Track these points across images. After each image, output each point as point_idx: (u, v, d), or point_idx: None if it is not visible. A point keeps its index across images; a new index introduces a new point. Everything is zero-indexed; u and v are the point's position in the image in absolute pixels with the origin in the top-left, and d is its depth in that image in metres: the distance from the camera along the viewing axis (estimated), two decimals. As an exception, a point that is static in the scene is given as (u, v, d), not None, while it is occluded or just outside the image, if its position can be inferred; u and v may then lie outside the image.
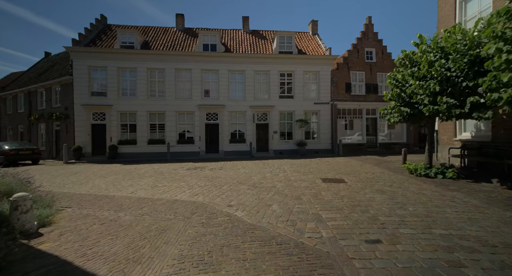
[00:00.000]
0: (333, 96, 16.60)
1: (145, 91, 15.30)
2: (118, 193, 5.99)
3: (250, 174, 8.26)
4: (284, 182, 6.63)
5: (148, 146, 15.20)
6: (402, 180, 6.64)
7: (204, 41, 16.07)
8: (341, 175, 7.52)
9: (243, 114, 16.05)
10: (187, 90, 15.77)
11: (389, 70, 17.38)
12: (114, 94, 15.06)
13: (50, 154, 16.39)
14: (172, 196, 5.48)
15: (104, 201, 5.25)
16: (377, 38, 17.34)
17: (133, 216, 4.24)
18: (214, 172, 8.95)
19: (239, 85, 16.18)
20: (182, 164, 11.60)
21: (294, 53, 16.44)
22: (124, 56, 15.05)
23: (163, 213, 4.31)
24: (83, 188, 6.68)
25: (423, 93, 6.38)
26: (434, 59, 6.09)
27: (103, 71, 15.10)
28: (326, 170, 8.65)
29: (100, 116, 15.07)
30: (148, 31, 17.79)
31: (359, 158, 12.95)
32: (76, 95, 14.70)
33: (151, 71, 15.49)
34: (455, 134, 8.99)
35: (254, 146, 15.88)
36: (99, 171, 9.84)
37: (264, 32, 18.97)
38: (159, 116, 15.56)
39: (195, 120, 15.64)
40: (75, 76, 14.72)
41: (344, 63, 16.86)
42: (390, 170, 8.49)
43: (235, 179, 7.28)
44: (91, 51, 14.76)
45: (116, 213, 4.41)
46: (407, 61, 7.21)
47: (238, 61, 15.95)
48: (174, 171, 9.38)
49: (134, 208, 4.67)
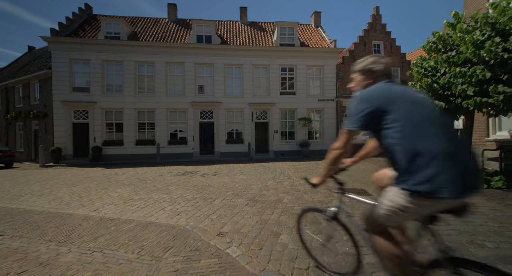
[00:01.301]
0: (339, 93, 15.31)
1: (132, 87, 13.90)
2: (78, 210, 4.63)
3: (248, 181, 6.93)
4: (291, 194, 5.31)
5: (136, 147, 13.80)
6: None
7: (198, 32, 14.70)
8: (359, 184, 6.22)
9: (241, 112, 14.71)
10: (179, 86, 14.39)
11: (398, 65, 16.17)
12: (98, 90, 13.64)
13: (28, 156, 14.92)
14: (146, 216, 4.13)
15: (54, 224, 3.90)
16: (385, 30, 16.11)
17: (78, 253, 2.89)
18: (207, 178, 7.60)
19: (237, 81, 14.84)
20: (171, 168, 10.23)
21: (296, 45, 15.14)
22: (109, 48, 13.63)
23: (123, 248, 2.96)
24: (40, 202, 5.31)
25: (465, 82, 5.09)
26: (483, 38, 4.79)
27: (85, 64, 13.67)
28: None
29: (82, 114, 13.64)
30: (137, 22, 16.37)
31: (369, 159, 11.68)
32: (56, 91, 13.25)
33: (139, 64, 14.09)
34: (487, 133, 7.74)
35: (253, 147, 14.55)
36: (73, 177, 8.44)
37: (264, 24, 17.64)
38: (148, 114, 14.16)
39: (188, 118, 14.27)
40: (54, 70, 13.28)
41: (350, 56, 15.59)
42: (414, 176, 7.21)
43: (231, 189, 5.95)
44: (72, 42, 13.32)
45: (58, 247, 3.06)
46: (440, 44, 5.92)
47: (235, 54, 14.60)
48: (160, 177, 8.02)
49: (87, 237, 3.33)
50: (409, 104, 1.22)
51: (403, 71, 16.13)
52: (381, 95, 1.30)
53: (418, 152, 1.11)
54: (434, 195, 1.07)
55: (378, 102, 1.27)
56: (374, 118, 1.28)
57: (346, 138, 1.47)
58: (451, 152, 1.08)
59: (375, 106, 1.27)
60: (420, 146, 1.11)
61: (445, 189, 1.04)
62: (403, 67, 16.15)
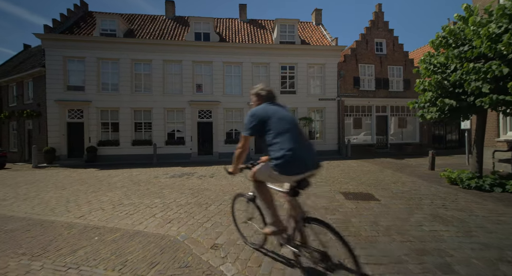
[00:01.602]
0: (340, 92, 14.96)
1: (129, 86, 13.54)
2: (62, 216, 4.28)
3: (248, 184, 6.58)
4: (293, 198, 4.95)
5: (132, 147, 13.44)
6: (450, 195, 5.00)
7: (196, 30, 14.33)
8: (365, 187, 5.86)
9: (240, 112, 14.36)
10: (177, 85, 14.03)
11: (401, 64, 15.82)
12: (93, 89, 13.27)
13: (22, 156, 14.55)
14: (134, 224, 3.77)
15: (32, 233, 3.55)
16: (387, 28, 15.75)
17: (52, 270, 2.53)
18: (203, 181, 7.25)
19: (236, 79, 14.48)
20: (168, 169, 9.87)
21: (296, 43, 14.78)
22: (105, 45, 13.26)
23: (103, 264, 2.61)
24: (24, 207, 4.95)
25: (479, 78, 4.73)
26: (500, 32, 4.44)
27: (80, 62, 13.30)
28: (342, 179, 6.99)
29: (77, 113, 13.27)
30: (134, 19, 16.00)
31: (372, 161, 11.33)
32: (49, 90, 12.88)
33: (135, 62, 13.72)
34: (497, 133, 7.39)
35: (252, 147, 14.20)
36: (64, 179, 8.08)
37: (263, 22, 17.28)
38: (145, 114, 13.80)
39: (186, 118, 13.91)
40: (48, 68, 12.91)
41: (352, 55, 15.23)
42: (422, 178, 6.86)
43: (228, 193, 5.60)
44: (67, 39, 12.95)
45: (29, 263, 2.71)
46: (451, 39, 5.57)
47: (234, 52, 14.24)
48: (155, 179, 7.66)
49: (66, 250, 2.97)
50: (278, 119, 1.93)
51: (405, 70, 15.78)
52: (263, 113, 1.99)
53: (280, 148, 1.82)
54: (284, 172, 1.83)
55: (260, 117, 1.97)
56: (258, 127, 1.97)
57: (244, 140, 2.09)
58: (297, 148, 1.81)
59: (258, 120, 1.97)
60: (282, 145, 1.82)
61: (289, 169, 1.81)
62: (406, 66, 15.80)
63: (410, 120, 16.24)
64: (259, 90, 2.23)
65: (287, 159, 1.78)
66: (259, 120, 1.94)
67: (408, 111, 16.00)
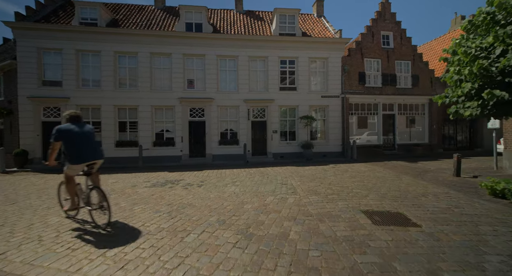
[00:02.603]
0: (344, 88, 13.78)
1: (112, 81, 12.19)
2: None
3: (241, 197, 5.33)
4: (301, 224, 3.69)
5: (116, 149, 12.11)
6: (510, 216, 3.81)
7: (187, 19, 13.04)
8: (391, 203, 4.65)
9: (236, 110, 13.11)
10: (165, 80, 12.72)
11: (409, 58, 14.68)
12: (72, 84, 11.91)
13: (-6, 159, 13.08)
14: (68, 272, 2.50)
15: None
16: (395, 20, 14.61)
17: None
18: (189, 191, 5.98)
19: (231, 74, 13.22)
20: (152, 175, 8.59)
21: (297, 35, 13.55)
22: (85, 36, 11.91)
23: None
24: None
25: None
26: None
27: (57, 54, 11.93)
28: (357, 190, 5.77)
29: (53, 111, 11.91)
30: (119, 9, 14.64)
31: (382, 164, 10.16)
32: (21, 85, 11.49)
33: (119, 55, 12.38)
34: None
35: (249, 149, 12.96)
36: (24, 189, 6.76)
37: (261, 13, 16.03)
38: (130, 112, 12.47)
39: (176, 117, 12.61)
40: (19, 61, 11.52)
41: (357, 48, 14.06)
42: (453, 188, 5.68)
43: (216, 212, 4.34)
44: (41, 28, 11.56)
45: None
46: (501, 14, 4.38)
47: (230, 44, 12.98)
48: (131, 189, 6.38)
49: None
50: (75, 133, 3.57)
51: (414, 65, 14.66)
52: (65, 129, 3.55)
53: (73, 153, 3.54)
54: (74, 164, 3.57)
55: (62, 132, 3.53)
56: (61, 138, 3.52)
57: (53, 145, 3.54)
58: (84, 151, 3.60)
59: (60, 133, 3.52)
60: (74, 151, 3.54)
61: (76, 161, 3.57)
62: (414, 61, 14.67)
63: (418, 119, 15.13)
64: (66, 115, 3.78)
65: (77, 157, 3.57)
66: (61, 133, 3.55)
67: (417, 109, 14.89)
